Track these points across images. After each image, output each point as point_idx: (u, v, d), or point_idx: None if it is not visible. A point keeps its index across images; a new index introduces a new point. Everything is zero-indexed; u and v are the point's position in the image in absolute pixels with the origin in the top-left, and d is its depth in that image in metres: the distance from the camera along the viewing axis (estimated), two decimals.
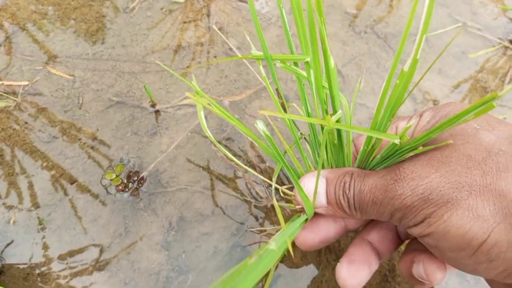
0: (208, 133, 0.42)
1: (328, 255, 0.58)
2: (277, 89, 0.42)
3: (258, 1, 0.73)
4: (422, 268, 0.37)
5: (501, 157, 0.29)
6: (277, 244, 0.36)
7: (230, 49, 0.69)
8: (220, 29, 0.71)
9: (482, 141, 0.31)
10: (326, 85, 0.35)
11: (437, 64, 0.70)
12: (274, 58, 0.40)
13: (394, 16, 0.76)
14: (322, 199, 0.38)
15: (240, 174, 0.61)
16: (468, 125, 0.32)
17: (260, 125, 0.38)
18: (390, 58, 0.71)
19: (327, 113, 0.35)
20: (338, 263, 0.40)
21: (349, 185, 0.36)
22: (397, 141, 0.31)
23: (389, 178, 0.33)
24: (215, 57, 0.68)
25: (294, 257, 0.57)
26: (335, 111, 0.36)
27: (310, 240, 0.41)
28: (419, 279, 0.37)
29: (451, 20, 0.76)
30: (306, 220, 0.41)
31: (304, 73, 0.39)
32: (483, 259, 0.28)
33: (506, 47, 0.75)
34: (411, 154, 0.33)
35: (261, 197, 0.59)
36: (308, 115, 0.42)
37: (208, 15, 0.72)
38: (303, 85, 0.41)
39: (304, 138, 0.52)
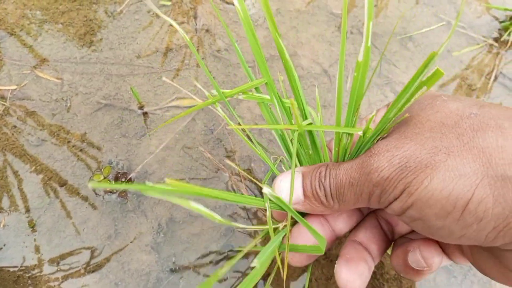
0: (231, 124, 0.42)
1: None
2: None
3: (245, 3, 0.74)
4: (418, 254, 0.36)
5: (473, 119, 0.29)
6: (260, 261, 0.34)
7: (218, 50, 0.70)
8: (207, 31, 0.72)
9: (452, 108, 0.31)
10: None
11: (421, 62, 0.71)
12: (228, 96, 0.40)
13: (380, 16, 0.77)
14: (298, 193, 0.37)
15: (227, 175, 0.61)
16: (437, 98, 0.32)
17: (266, 190, 0.38)
18: (376, 58, 0.72)
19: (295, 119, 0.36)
20: (336, 265, 0.39)
21: (325, 173, 0.35)
22: (359, 133, 0.32)
23: (363, 156, 0.32)
24: (202, 59, 0.69)
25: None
26: (305, 119, 0.38)
27: (297, 255, 0.40)
28: (417, 268, 0.36)
29: (436, 19, 0.77)
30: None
31: (267, 97, 0.40)
32: (471, 220, 0.27)
33: (491, 45, 0.76)
34: (379, 138, 0.33)
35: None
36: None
37: (195, 17, 0.73)
38: (269, 107, 0.42)
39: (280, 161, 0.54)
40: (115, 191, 0.59)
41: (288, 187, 0.37)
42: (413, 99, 0.29)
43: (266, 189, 0.34)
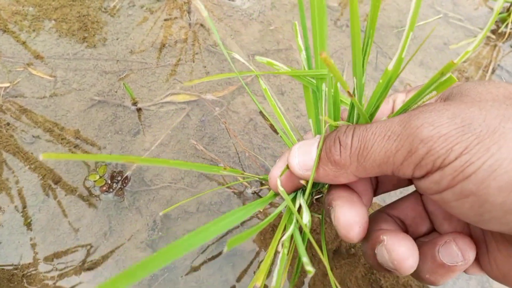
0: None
1: (313, 250, 0.58)
2: None
3: None
4: (454, 246, 0.31)
5: None
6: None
7: (212, 45, 0.69)
8: (201, 25, 0.71)
9: (494, 89, 0.27)
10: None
11: (418, 56, 0.71)
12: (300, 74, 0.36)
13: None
14: (313, 157, 0.32)
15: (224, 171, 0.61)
16: (487, 80, 0.30)
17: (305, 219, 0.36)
18: (372, 51, 0.71)
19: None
20: (332, 208, 0.34)
21: (346, 130, 0.30)
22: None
23: (411, 111, 0.27)
24: (197, 53, 0.68)
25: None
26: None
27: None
28: (450, 263, 0.31)
29: (433, 11, 0.76)
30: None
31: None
32: None
33: (488, 37, 0.75)
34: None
35: (245, 191, 0.60)
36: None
37: (189, 12, 0.72)
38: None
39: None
40: (111, 190, 0.59)
41: (303, 153, 0.33)
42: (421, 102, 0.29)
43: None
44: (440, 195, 0.26)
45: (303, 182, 0.35)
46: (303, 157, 0.32)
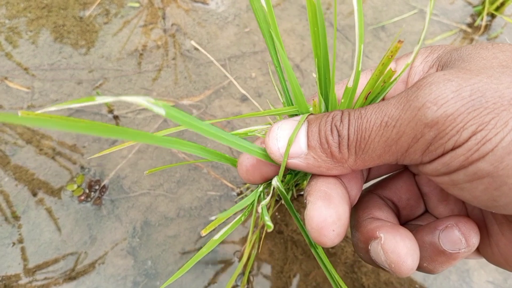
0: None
1: (295, 250, 0.58)
2: None
3: (214, 0, 0.73)
4: (457, 231, 0.28)
5: None
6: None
7: (188, 50, 0.69)
8: (177, 31, 0.71)
9: (500, 53, 0.24)
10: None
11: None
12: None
13: (351, 8, 0.77)
14: (301, 143, 0.27)
15: (205, 171, 0.61)
16: (492, 43, 0.25)
17: (275, 182, 0.30)
18: (348, 50, 0.71)
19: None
20: (308, 202, 0.28)
21: (341, 117, 0.26)
22: None
23: (407, 90, 0.23)
24: (173, 59, 0.69)
25: (261, 254, 0.57)
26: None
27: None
28: (452, 250, 0.28)
29: (408, 7, 0.77)
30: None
31: None
32: None
33: (465, 31, 0.75)
34: None
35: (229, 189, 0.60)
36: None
37: (164, 18, 0.72)
38: None
39: None
40: (89, 199, 0.59)
41: (287, 135, 0.28)
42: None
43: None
44: (449, 177, 0.23)
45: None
46: (285, 142, 0.28)
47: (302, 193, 0.61)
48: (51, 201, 0.59)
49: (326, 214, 0.26)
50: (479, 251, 0.30)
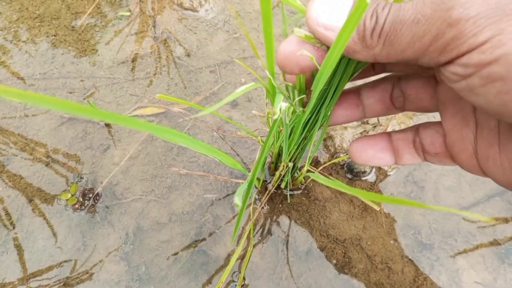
0: None
1: (285, 253, 0.59)
2: None
3: (203, 8, 0.74)
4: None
5: None
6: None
7: (179, 57, 0.70)
8: (167, 38, 0.72)
9: None
10: None
11: None
12: None
13: None
14: (339, 18, 0.27)
15: (197, 175, 0.62)
16: None
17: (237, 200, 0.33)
18: None
19: None
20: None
21: (384, 6, 0.27)
22: None
23: None
24: (164, 66, 0.69)
25: (254, 257, 0.58)
26: None
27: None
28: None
29: None
30: None
31: None
32: None
33: None
34: None
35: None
36: None
37: (154, 26, 0.73)
38: None
39: None
40: (83, 208, 0.60)
41: (332, 6, 0.27)
42: None
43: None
44: (466, 82, 0.24)
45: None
46: (331, 9, 0.27)
47: (295, 192, 0.62)
48: (44, 208, 0.60)
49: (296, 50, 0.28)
50: (488, 171, 0.30)
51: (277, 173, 0.54)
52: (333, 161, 0.58)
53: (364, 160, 0.36)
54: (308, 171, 0.61)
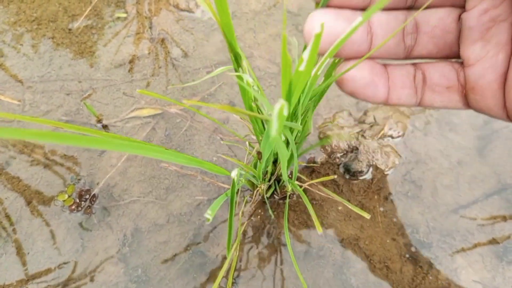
0: None
1: (285, 254, 0.59)
2: None
3: (199, 8, 0.74)
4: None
5: None
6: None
7: (175, 58, 0.70)
8: (164, 39, 0.72)
9: None
10: None
11: None
12: None
13: None
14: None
15: (195, 177, 0.62)
16: None
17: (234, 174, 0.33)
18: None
19: None
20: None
21: None
22: None
23: None
24: (161, 67, 0.70)
25: (251, 258, 0.58)
26: None
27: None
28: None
29: None
30: None
31: None
32: None
33: None
34: None
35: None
36: None
37: (151, 27, 0.73)
38: None
39: None
40: (80, 209, 0.60)
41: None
42: None
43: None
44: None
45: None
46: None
47: (285, 195, 0.62)
48: (43, 210, 0.60)
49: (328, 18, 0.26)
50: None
51: (259, 190, 0.54)
52: (325, 179, 0.57)
53: (355, 86, 0.30)
54: (298, 178, 0.61)
